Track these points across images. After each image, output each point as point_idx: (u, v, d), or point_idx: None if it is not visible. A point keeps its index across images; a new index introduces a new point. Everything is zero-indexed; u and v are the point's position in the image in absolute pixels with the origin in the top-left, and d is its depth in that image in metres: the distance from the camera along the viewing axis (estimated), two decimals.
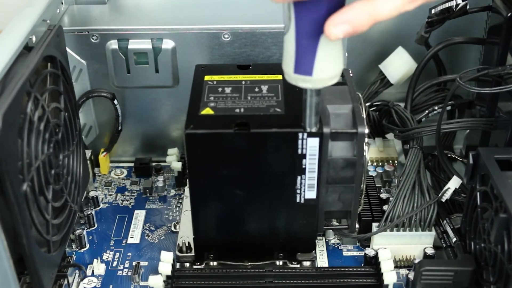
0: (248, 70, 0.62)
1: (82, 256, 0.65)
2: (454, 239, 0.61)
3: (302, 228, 0.59)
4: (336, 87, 0.51)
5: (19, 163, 0.47)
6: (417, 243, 0.62)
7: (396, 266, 0.62)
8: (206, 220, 0.58)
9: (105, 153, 0.76)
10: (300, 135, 0.53)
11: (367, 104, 0.76)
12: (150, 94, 0.73)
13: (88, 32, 0.68)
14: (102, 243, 0.66)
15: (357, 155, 0.54)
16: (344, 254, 0.64)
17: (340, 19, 0.40)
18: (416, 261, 0.61)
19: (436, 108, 0.74)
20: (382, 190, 0.71)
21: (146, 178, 0.76)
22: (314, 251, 0.62)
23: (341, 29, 0.40)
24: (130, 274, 0.62)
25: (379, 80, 0.75)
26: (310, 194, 0.56)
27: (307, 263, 0.61)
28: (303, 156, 0.54)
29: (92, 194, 0.71)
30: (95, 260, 0.63)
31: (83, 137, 0.72)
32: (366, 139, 0.54)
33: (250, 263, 0.61)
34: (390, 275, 0.57)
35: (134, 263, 0.62)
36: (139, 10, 0.72)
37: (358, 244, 0.65)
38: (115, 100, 0.70)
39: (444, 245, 0.62)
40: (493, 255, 0.52)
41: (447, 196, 0.62)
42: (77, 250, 0.65)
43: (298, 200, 0.57)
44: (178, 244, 0.62)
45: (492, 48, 0.67)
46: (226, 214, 0.58)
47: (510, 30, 0.62)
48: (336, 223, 0.64)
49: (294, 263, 0.61)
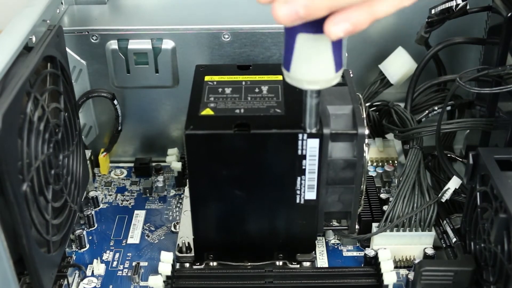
0: (248, 70, 0.62)
1: (82, 256, 0.65)
2: (454, 239, 0.61)
3: (302, 228, 0.59)
4: (336, 88, 0.51)
5: (19, 163, 0.47)
6: (417, 243, 0.62)
7: (396, 267, 0.62)
8: (206, 220, 0.58)
9: (105, 153, 0.76)
10: (300, 136, 0.53)
11: (367, 104, 0.76)
12: (150, 94, 0.73)
13: (88, 32, 0.68)
14: (102, 243, 0.66)
15: (357, 156, 0.54)
16: (344, 255, 0.64)
17: (340, 18, 0.40)
18: (416, 261, 0.61)
19: (436, 108, 0.74)
20: (382, 190, 0.71)
21: (146, 178, 0.76)
22: (314, 252, 0.62)
23: (341, 27, 0.40)
24: (130, 274, 0.62)
25: (379, 80, 0.75)
26: (310, 195, 0.56)
27: (307, 264, 0.61)
28: (303, 157, 0.54)
29: (92, 194, 0.71)
30: (95, 260, 0.63)
31: (83, 137, 0.72)
32: (366, 140, 0.54)
33: (250, 264, 0.61)
34: (390, 276, 0.57)
35: (134, 263, 0.62)
36: (139, 10, 0.72)
37: (358, 244, 0.65)
38: (115, 100, 0.70)
39: (444, 245, 0.62)
40: (493, 255, 0.52)
41: (447, 196, 0.62)
42: (77, 250, 0.65)
43: (298, 200, 0.57)
44: (178, 244, 0.62)
45: (492, 48, 0.67)
46: (226, 215, 0.58)
47: (510, 30, 0.62)
48: (336, 224, 0.64)
49: (294, 264, 0.61)
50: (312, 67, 0.45)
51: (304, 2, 0.39)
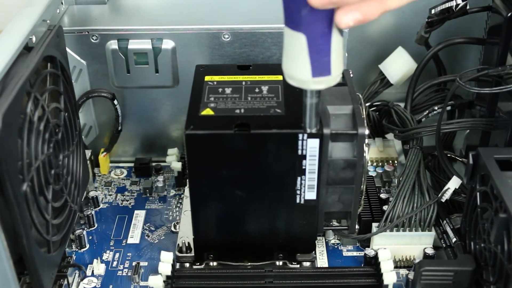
0: (248, 70, 0.62)
1: (82, 256, 0.65)
2: (454, 239, 0.61)
3: (302, 228, 0.59)
4: (336, 88, 0.51)
5: (19, 163, 0.47)
6: (417, 243, 0.62)
7: (396, 266, 0.62)
8: (206, 220, 0.58)
9: (105, 153, 0.76)
10: (300, 136, 0.53)
11: (367, 104, 0.76)
12: (150, 94, 0.73)
13: (88, 32, 0.68)
14: (102, 243, 0.66)
15: (357, 156, 0.54)
16: (344, 255, 0.64)
17: (351, 7, 0.41)
18: (416, 261, 0.61)
19: (436, 108, 0.74)
20: (382, 190, 0.71)
21: (146, 178, 0.76)
22: (314, 252, 0.62)
23: (351, 17, 0.41)
24: (130, 274, 0.62)
25: (379, 80, 0.75)
26: (310, 195, 0.56)
27: (307, 264, 0.61)
28: (303, 157, 0.54)
29: (92, 194, 0.71)
30: (95, 260, 0.63)
31: (83, 137, 0.72)
32: (366, 140, 0.54)
33: (250, 263, 0.61)
34: (390, 275, 0.57)
35: (134, 263, 0.62)
36: (139, 10, 0.72)
37: (358, 244, 0.65)
38: (115, 100, 0.70)
39: (444, 245, 0.62)
40: (493, 255, 0.52)
41: (447, 196, 0.62)
42: (77, 250, 0.65)
43: (298, 200, 0.57)
44: (178, 244, 0.62)
45: (492, 48, 0.67)
46: (226, 215, 0.58)
47: (510, 30, 0.61)
48: (336, 224, 0.64)
49: (294, 264, 0.61)
50: (288, 61, 0.46)
51: None
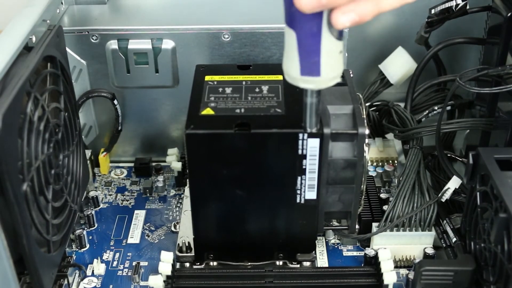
0: (248, 70, 0.62)
1: (82, 256, 0.65)
2: (454, 239, 0.61)
3: (302, 228, 0.59)
4: (336, 88, 0.51)
5: (19, 163, 0.47)
6: (417, 243, 0.62)
7: (396, 266, 0.62)
8: (206, 220, 0.58)
9: (105, 153, 0.76)
10: (300, 136, 0.53)
11: (367, 104, 0.76)
12: (150, 94, 0.73)
13: (88, 32, 0.68)
14: (102, 243, 0.66)
15: (357, 156, 0.54)
16: (344, 254, 0.64)
17: (347, 8, 0.41)
18: (416, 261, 0.61)
19: (436, 108, 0.74)
20: (382, 190, 0.71)
21: (146, 178, 0.76)
22: (314, 251, 0.62)
23: (348, 17, 0.41)
24: (130, 274, 0.62)
25: (379, 80, 0.75)
26: (310, 195, 0.56)
27: (307, 263, 0.61)
28: (304, 156, 0.54)
29: (92, 194, 0.71)
30: (95, 260, 0.63)
31: (83, 137, 0.72)
32: (366, 140, 0.54)
33: (250, 263, 0.61)
34: (390, 275, 0.57)
35: (134, 263, 0.62)
36: (139, 10, 0.72)
37: (358, 244, 0.65)
38: (115, 100, 0.70)
39: (444, 245, 0.62)
40: (493, 255, 0.52)
41: (447, 196, 0.62)
42: (77, 250, 0.65)
43: (298, 200, 0.57)
44: (178, 244, 0.62)
45: (492, 48, 0.67)
46: (226, 214, 0.58)
47: (510, 30, 0.62)
48: (336, 224, 0.64)
49: (294, 263, 0.61)
50: (284, 56, 0.46)
51: None
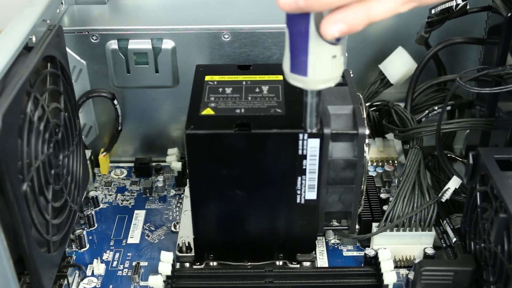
0: (248, 70, 0.62)
1: (82, 256, 0.65)
2: (454, 239, 0.61)
3: (302, 228, 0.59)
4: (336, 88, 0.51)
5: (19, 163, 0.47)
6: (417, 243, 0.62)
7: (396, 266, 0.62)
8: (206, 220, 0.58)
9: (105, 153, 0.76)
10: (300, 136, 0.53)
11: (367, 104, 0.76)
12: (150, 94, 0.73)
13: (88, 32, 0.68)
14: (102, 243, 0.66)
15: (357, 156, 0.54)
16: (344, 254, 0.64)
17: (336, 18, 0.41)
18: (416, 261, 0.61)
19: (436, 108, 0.74)
20: (382, 190, 0.71)
21: (146, 178, 0.76)
22: (314, 252, 0.62)
23: (337, 28, 0.41)
24: (130, 274, 0.62)
25: (379, 80, 0.75)
26: (311, 195, 0.56)
27: (307, 263, 0.61)
28: (304, 156, 0.54)
29: (92, 194, 0.71)
30: (95, 260, 0.63)
31: (83, 137, 0.72)
32: (366, 140, 0.54)
33: (250, 263, 0.61)
34: (390, 275, 0.57)
35: (134, 263, 0.62)
36: (139, 10, 0.72)
37: (358, 244, 0.65)
38: (115, 100, 0.70)
39: (444, 245, 0.62)
40: (493, 255, 0.52)
41: (447, 196, 0.62)
42: (77, 250, 0.65)
43: (298, 200, 0.57)
44: (178, 244, 0.62)
45: (492, 48, 0.67)
46: (226, 214, 0.58)
47: (510, 30, 0.61)
48: (336, 224, 0.64)
49: (294, 263, 0.61)
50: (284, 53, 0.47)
51: None
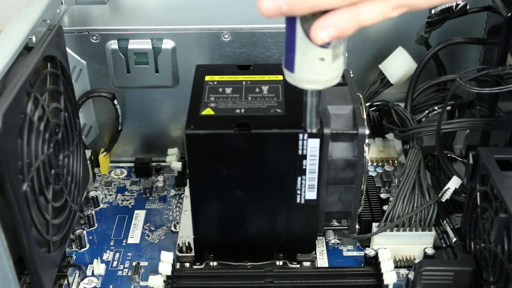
0: (248, 70, 0.62)
1: (82, 256, 0.65)
2: (454, 239, 0.61)
3: (302, 228, 0.59)
4: (336, 88, 0.51)
5: (19, 163, 0.47)
6: (417, 243, 0.62)
7: (396, 266, 0.62)
8: (206, 220, 0.58)
9: (105, 153, 0.76)
10: (300, 136, 0.53)
11: (367, 104, 0.76)
12: (150, 94, 0.73)
13: (88, 32, 0.68)
14: (102, 243, 0.66)
15: (357, 156, 0.54)
16: (344, 254, 0.64)
17: (325, 23, 0.41)
18: (416, 261, 0.61)
19: (436, 108, 0.74)
20: (382, 190, 0.71)
21: (146, 178, 0.76)
22: (314, 252, 0.62)
23: (326, 33, 0.41)
24: (130, 274, 0.62)
25: (379, 80, 0.75)
26: (311, 195, 0.56)
27: (307, 263, 0.61)
28: (304, 156, 0.54)
29: (92, 194, 0.71)
30: (95, 260, 0.63)
31: (83, 137, 0.72)
32: (366, 140, 0.54)
33: (250, 263, 0.61)
34: (390, 275, 0.57)
35: (134, 263, 0.62)
36: (139, 10, 0.72)
37: (358, 244, 0.65)
38: (115, 100, 0.70)
39: (444, 245, 0.62)
40: (493, 255, 0.52)
41: (447, 196, 0.62)
42: (77, 250, 0.65)
43: (298, 200, 0.57)
44: (178, 244, 0.62)
45: (492, 48, 0.67)
46: (226, 214, 0.58)
47: (510, 30, 0.61)
48: (336, 224, 0.64)
49: (294, 263, 0.61)
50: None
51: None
